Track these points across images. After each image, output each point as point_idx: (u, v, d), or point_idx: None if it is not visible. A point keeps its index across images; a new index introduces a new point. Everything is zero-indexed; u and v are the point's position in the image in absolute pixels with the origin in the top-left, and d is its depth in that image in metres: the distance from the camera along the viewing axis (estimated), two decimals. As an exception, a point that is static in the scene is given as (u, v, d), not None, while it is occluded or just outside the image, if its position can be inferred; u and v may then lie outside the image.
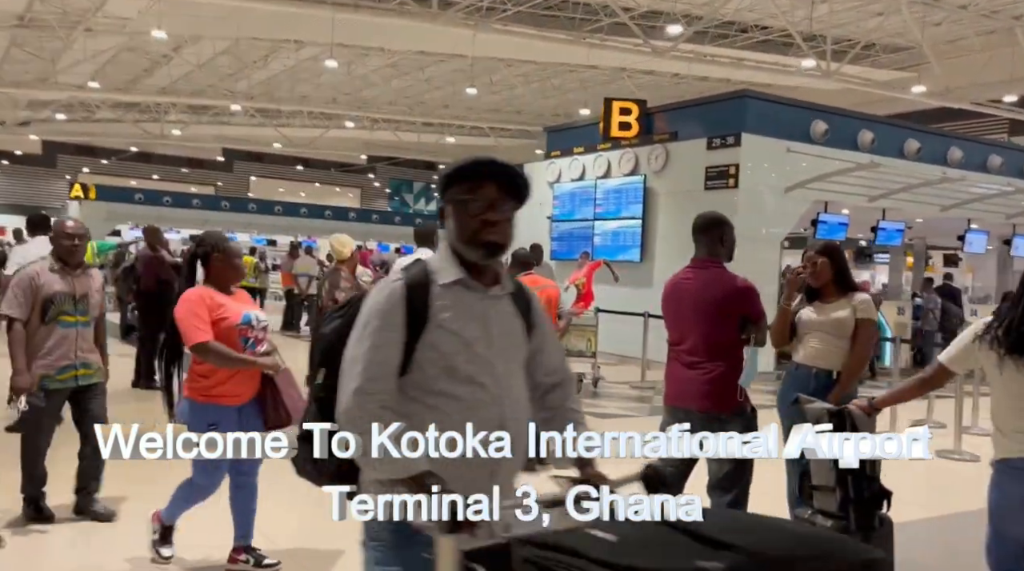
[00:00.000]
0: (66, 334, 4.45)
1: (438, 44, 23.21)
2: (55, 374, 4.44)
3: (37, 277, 4.41)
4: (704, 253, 3.59)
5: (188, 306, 3.84)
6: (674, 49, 20.76)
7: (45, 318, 4.40)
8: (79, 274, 4.56)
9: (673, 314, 3.60)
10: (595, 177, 13.07)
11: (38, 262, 4.57)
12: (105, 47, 24.53)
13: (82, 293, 4.52)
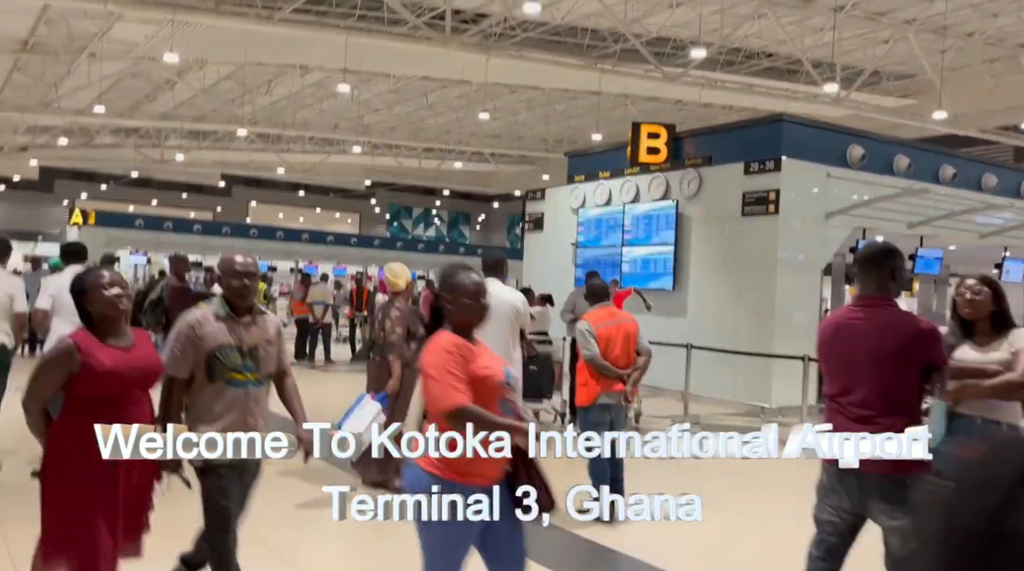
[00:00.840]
0: (235, 397, 3.58)
1: (448, 69, 22.93)
2: None
3: (199, 326, 3.55)
4: (873, 289, 3.09)
5: (441, 359, 2.98)
6: (685, 75, 20.61)
7: (211, 375, 3.55)
8: (248, 322, 3.66)
9: (838, 361, 3.10)
10: (623, 202, 12.64)
11: (201, 307, 3.69)
12: (109, 72, 24.10)
13: (251, 345, 3.61)
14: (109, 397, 3.19)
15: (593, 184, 13.27)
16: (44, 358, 3.24)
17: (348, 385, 11.72)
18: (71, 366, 3.18)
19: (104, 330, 3.32)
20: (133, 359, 3.29)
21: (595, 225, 13.05)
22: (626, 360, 5.42)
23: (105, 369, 3.18)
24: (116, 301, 3.34)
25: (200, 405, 3.53)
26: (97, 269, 3.59)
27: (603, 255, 12.81)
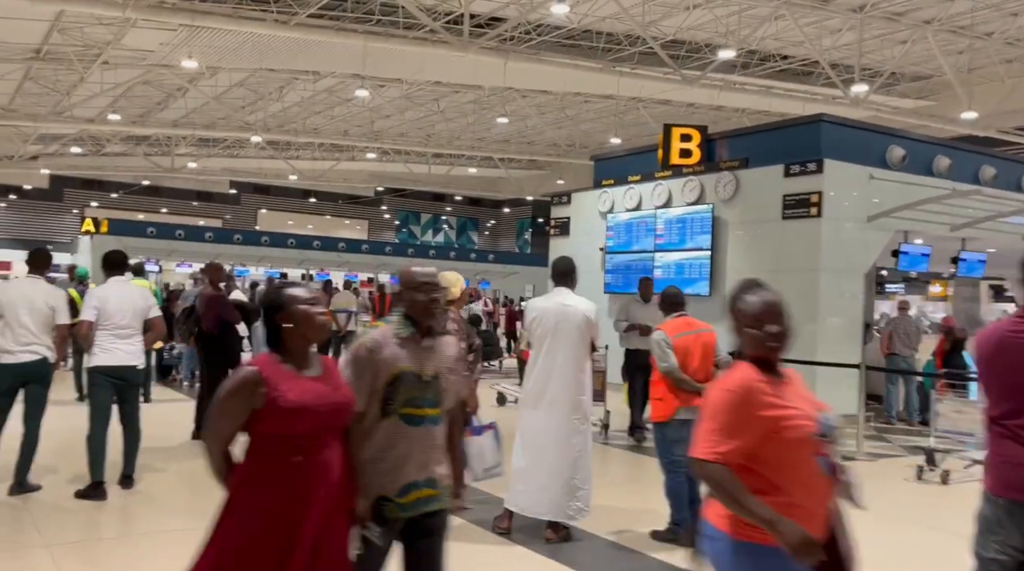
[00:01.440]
0: (414, 436, 2.89)
1: (462, 74, 22.64)
2: (396, 495, 2.86)
3: (378, 348, 2.88)
4: (1043, 301, 2.77)
5: (720, 398, 2.46)
6: (703, 77, 20.34)
7: (386, 409, 2.87)
8: (428, 345, 2.98)
9: (1005, 379, 2.77)
10: (654, 206, 12.31)
11: (380, 326, 3.05)
12: (120, 80, 23.86)
13: (433, 373, 2.94)
14: (299, 436, 2.62)
15: (622, 188, 12.94)
16: (224, 389, 2.66)
17: None
18: (253, 400, 2.59)
19: (297, 357, 2.72)
20: (326, 392, 2.69)
21: (625, 230, 12.72)
22: (704, 373, 5.09)
23: (295, 404, 2.59)
24: (322, 324, 2.76)
25: (374, 446, 2.86)
26: (289, 282, 3.10)
27: (634, 260, 12.48)
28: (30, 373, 5.72)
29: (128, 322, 5.92)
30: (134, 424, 6.08)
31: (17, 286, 5.92)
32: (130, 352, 5.95)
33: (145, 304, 6.10)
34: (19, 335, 5.67)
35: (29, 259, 5.95)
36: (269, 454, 2.62)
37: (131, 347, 5.97)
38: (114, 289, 5.93)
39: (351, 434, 2.82)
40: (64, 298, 5.95)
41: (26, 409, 5.78)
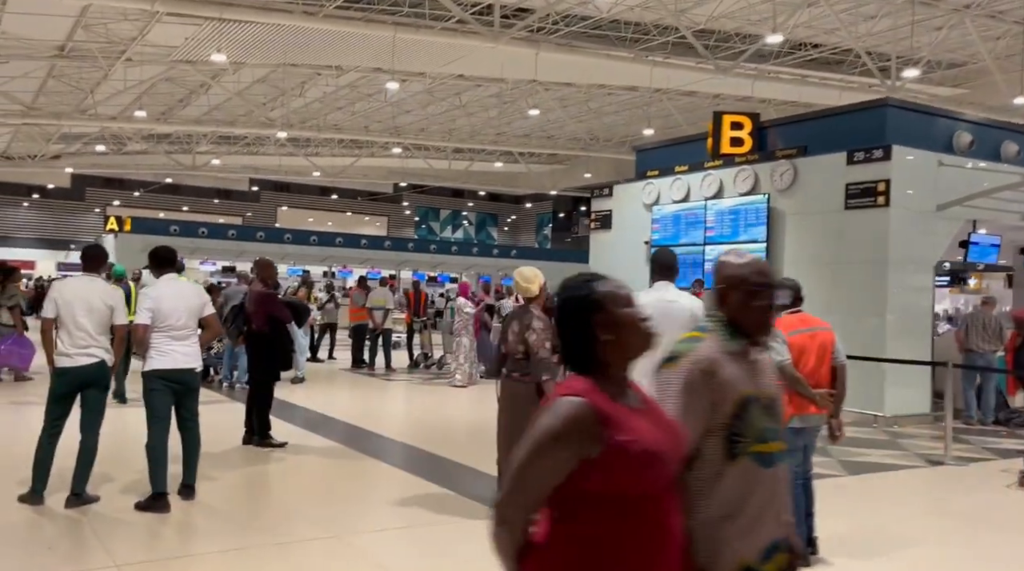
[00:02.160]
0: (766, 480, 2.15)
1: (491, 66, 22.17)
2: (759, 562, 2.10)
3: (717, 368, 2.14)
4: None
5: None
6: (737, 66, 19.86)
7: (735, 449, 2.12)
8: (754, 361, 2.24)
9: None
10: (704, 198, 11.84)
11: (703, 337, 2.24)
12: (144, 77, 23.56)
13: (771, 397, 2.23)
14: (641, 496, 1.83)
15: (668, 179, 12.46)
16: (543, 432, 1.84)
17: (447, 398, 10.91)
18: (587, 446, 1.79)
19: (617, 381, 1.92)
20: (662, 430, 1.91)
21: (672, 222, 12.26)
22: (820, 377, 4.64)
23: (644, 449, 1.81)
24: (650, 335, 1.96)
25: (722, 498, 2.09)
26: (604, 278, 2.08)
27: (682, 254, 11.99)
28: (88, 378, 5.33)
29: (184, 322, 5.52)
30: (194, 431, 5.69)
31: (73, 285, 5.50)
32: (188, 354, 5.56)
33: (200, 302, 5.68)
34: (76, 338, 5.29)
35: (84, 256, 5.56)
36: (591, 522, 1.81)
37: (188, 348, 5.58)
38: (168, 288, 5.52)
39: (687, 485, 2.05)
40: (122, 297, 5.55)
41: (84, 416, 5.40)
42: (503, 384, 5.37)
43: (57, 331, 5.34)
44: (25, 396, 9.80)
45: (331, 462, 7.00)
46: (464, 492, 5.94)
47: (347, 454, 7.25)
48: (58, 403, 5.37)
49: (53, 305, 5.33)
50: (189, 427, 5.71)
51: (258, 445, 7.37)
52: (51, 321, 5.34)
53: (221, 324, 7.37)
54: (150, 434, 5.39)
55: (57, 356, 5.32)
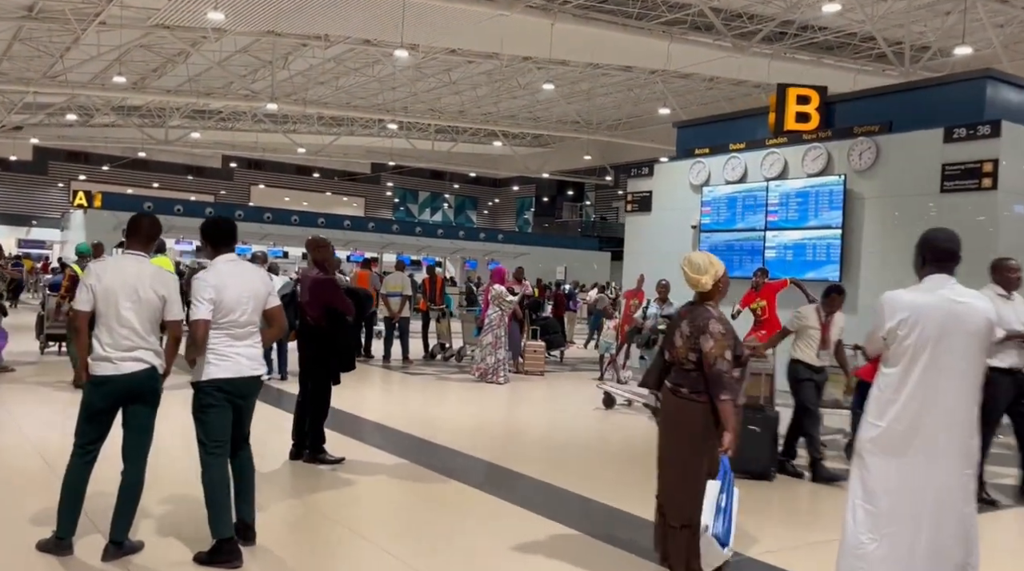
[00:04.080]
0: None
1: (491, 40, 20.79)
2: None
3: None
4: None
5: None
6: (754, 46, 18.92)
7: None
8: None
9: None
10: (765, 178, 10.72)
11: None
12: (118, 43, 21.67)
13: None
14: None
15: (721, 158, 11.32)
16: None
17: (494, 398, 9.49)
18: None
19: None
20: None
21: (726, 205, 11.14)
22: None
23: None
24: None
25: None
26: None
27: (738, 240, 10.92)
28: (134, 389, 4.00)
29: (249, 316, 4.21)
30: (248, 453, 4.40)
31: (117, 267, 4.03)
32: (252, 357, 4.24)
33: (265, 290, 4.34)
34: (119, 336, 3.93)
35: (130, 228, 4.16)
36: None
37: (253, 350, 4.26)
38: (230, 272, 4.19)
39: None
40: (176, 284, 4.19)
41: (127, 439, 4.06)
42: (665, 399, 4.15)
43: (93, 328, 4.00)
44: (11, 394, 8.32)
45: (407, 486, 5.72)
46: (604, 536, 4.73)
47: (420, 474, 5.97)
48: (93, 422, 4.03)
49: (89, 294, 3.97)
50: (245, 450, 4.43)
51: (310, 461, 6.07)
52: (86, 315, 3.98)
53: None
54: (208, 464, 4.09)
55: (93, 361, 3.98)
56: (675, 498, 3.99)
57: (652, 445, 4.23)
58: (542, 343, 12.18)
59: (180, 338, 4.20)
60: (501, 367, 10.77)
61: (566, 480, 5.83)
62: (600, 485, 5.80)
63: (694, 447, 3.92)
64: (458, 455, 6.61)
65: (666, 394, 4.15)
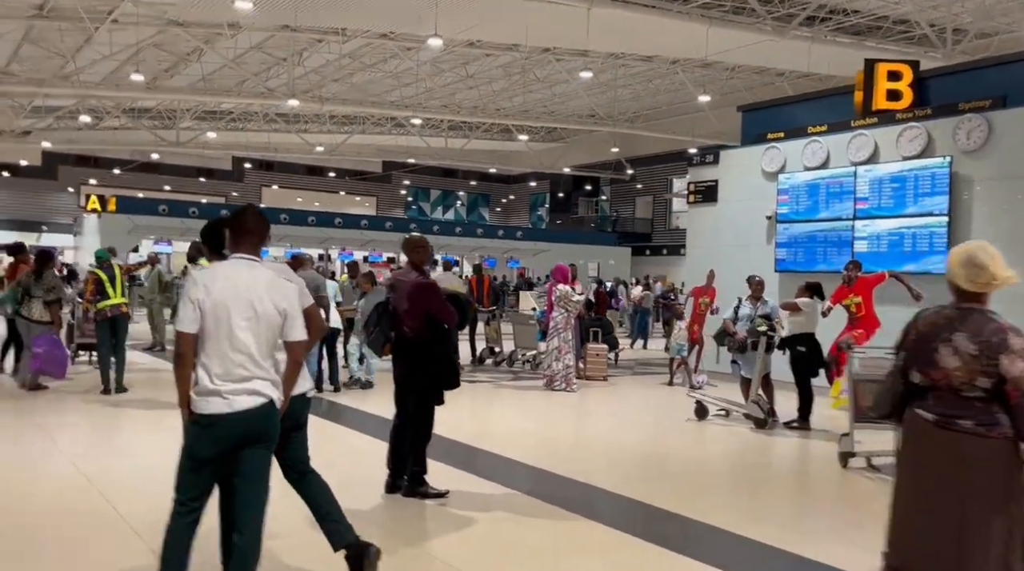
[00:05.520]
0: None
1: (515, 30, 19.86)
2: None
3: None
4: None
5: None
6: (794, 28, 18.05)
7: None
8: None
9: None
10: (852, 162, 9.80)
11: None
12: (130, 42, 20.72)
13: None
14: None
15: (799, 142, 10.39)
16: None
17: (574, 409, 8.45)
18: None
19: None
20: None
21: (807, 193, 10.21)
22: None
23: None
24: None
25: None
26: None
27: (822, 230, 10.00)
28: (250, 430, 3.09)
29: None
30: (316, 476, 3.66)
31: (227, 276, 3.12)
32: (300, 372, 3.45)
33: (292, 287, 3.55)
34: (232, 364, 3.04)
35: (234, 224, 3.23)
36: None
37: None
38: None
39: None
40: (297, 293, 3.26)
41: (239, 492, 3.16)
42: (924, 433, 3.13)
43: (198, 352, 3.09)
44: (48, 413, 7.39)
45: (533, 525, 4.78)
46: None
47: (539, 508, 5.04)
48: (199, 472, 3.12)
49: (195, 311, 3.05)
50: (306, 475, 3.58)
51: (410, 495, 5.16)
52: (192, 338, 3.06)
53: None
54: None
55: (198, 396, 3.07)
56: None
57: (779, 464, 3.29)
58: (604, 346, 11.26)
59: (301, 362, 3.28)
60: (571, 374, 9.87)
61: (711, 514, 4.96)
62: (752, 519, 4.93)
63: (991, 501, 2.94)
64: (570, 483, 5.70)
65: (922, 426, 3.14)
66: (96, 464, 5.74)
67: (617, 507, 5.22)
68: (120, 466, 5.77)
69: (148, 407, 7.89)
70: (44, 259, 8.72)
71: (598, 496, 5.40)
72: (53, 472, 5.59)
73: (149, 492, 5.19)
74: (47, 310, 8.41)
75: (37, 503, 4.83)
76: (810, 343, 7.86)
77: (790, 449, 7.18)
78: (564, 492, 5.43)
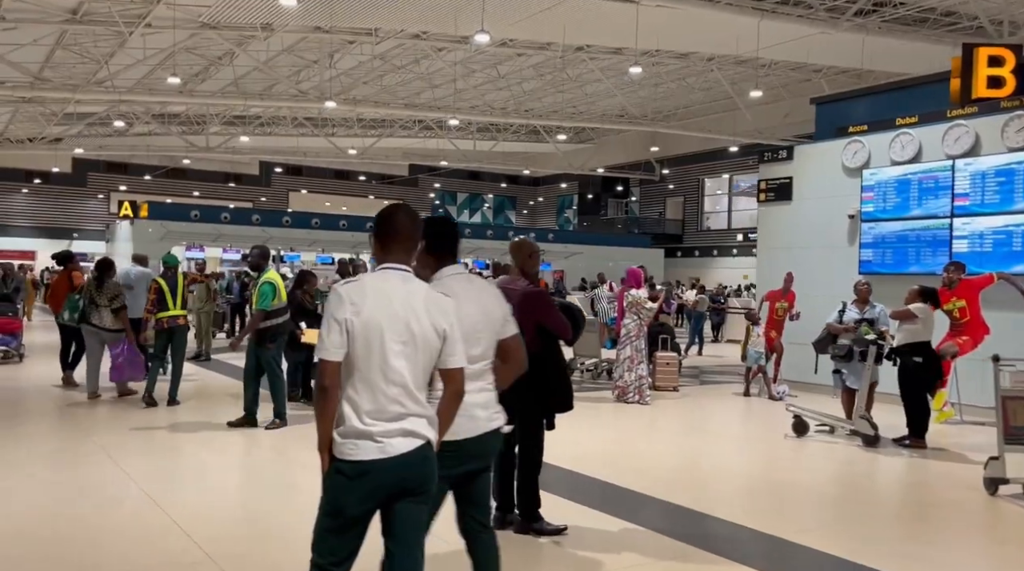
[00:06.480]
0: None
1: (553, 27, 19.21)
2: None
3: None
4: None
5: None
6: (848, 19, 17.34)
7: None
8: None
9: None
10: (948, 156, 9.06)
11: None
12: (163, 46, 20.31)
13: None
14: None
15: (886, 134, 9.65)
16: None
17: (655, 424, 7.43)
18: None
19: None
20: None
21: (896, 189, 9.47)
22: None
23: None
24: None
25: None
26: None
27: (913, 229, 9.26)
28: (405, 479, 2.45)
29: (483, 350, 2.96)
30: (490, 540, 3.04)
31: (380, 289, 2.49)
32: (489, 405, 2.96)
33: (502, 312, 3.12)
34: (386, 398, 2.42)
35: (384, 227, 2.58)
36: None
37: (487, 395, 2.97)
38: (462, 288, 2.91)
39: None
40: (453, 311, 2.64)
41: (393, 556, 2.53)
42: None
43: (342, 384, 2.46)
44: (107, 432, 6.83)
45: (676, 568, 4.13)
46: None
47: (670, 548, 4.34)
48: (344, 533, 2.47)
49: (342, 334, 2.41)
50: (485, 530, 3.02)
51: (522, 531, 4.53)
52: (338, 367, 2.43)
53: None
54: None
55: (343, 439, 2.45)
56: None
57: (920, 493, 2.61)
58: (674, 354, 10.58)
59: (463, 394, 2.65)
60: (644, 385, 9.19)
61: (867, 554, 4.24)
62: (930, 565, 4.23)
63: None
64: (694, 515, 5.02)
65: None
66: (164, 488, 5.14)
67: (750, 543, 4.53)
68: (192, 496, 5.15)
69: (204, 423, 7.42)
70: (105, 267, 8.61)
71: (732, 532, 4.72)
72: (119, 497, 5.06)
73: (219, 518, 4.67)
74: (116, 318, 8.41)
75: (111, 535, 4.22)
76: (926, 352, 7.15)
77: (922, 473, 6.43)
78: (694, 527, 4.77)
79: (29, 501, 5.00)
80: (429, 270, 2.95)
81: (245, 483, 5.79)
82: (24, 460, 6.00)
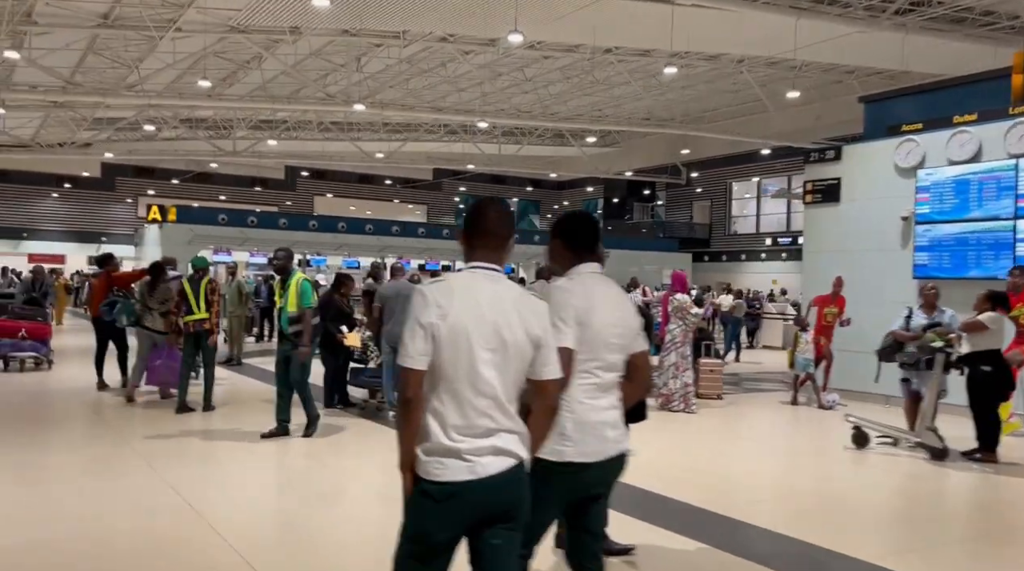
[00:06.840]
0: None
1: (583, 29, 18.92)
2: None
3: None
4: None
5: None
6: (887, 17, 16.88)
7: None
8: None
9: None
10: (1012, 155, 8.65)
11: None
12: (193, 50, 20.27)
13: None
14: None
15: (943, 133, 9.26)
16: None
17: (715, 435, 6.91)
18: None
19: None
20: None
21: (953, 190, 9.08)
22: None
23: None
24: None
25: None
26: None
27: (973, 232, 8.86)
28: (498, 504, 2.18)
29: (619, 359, 2.67)
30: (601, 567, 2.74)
31: (469, 289, 2.22)
32: (617, 425, 2.68)
33: (637, 323, 2.77)
34: (475, 412, 2.16)
35: (473, 223, 2.33)
36: None
37: (616, 414, 2.69)
38: (598, 290, 2.67)
39: None
40: (547, 314, 2.34)
41: None
42: None
43: (429, 396, 2.18)
44: (148, 440, 6.62)
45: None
46: None
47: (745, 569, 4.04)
48: (429, 559, 2.18)
49: (428, 341, 2.13)
50: (598, 558, 2.74)
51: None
52: (422, 376, 2.14)
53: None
54: None
55: (427, 457, 2.17)
56: None
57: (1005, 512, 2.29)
58: (718, 361, 10.22)
59: (557, 409, 2.35)
60: (690, 393, 8.84)
61: None
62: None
63: None
64: (765, 534, 4.70)
65: None
66: (202, 496, 4.93)
67: (822, 566, 4.18)
68: (230, 504, 4.90)
69: (238, 431, 7.21)
70: (158, 271, 8.64)
71: (786, 547, 4.38)
72: (158, 506, 4.86)
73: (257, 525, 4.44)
74: (166, 321, 8.46)
75: (153, 543, 3.97)
76: (995, 360, 6.75)
77: (1000, 490, 6.04)
78: (769, 547, 4.43)
79: (70, 510, 4.82)
80: (565, 265, 2.73)
81: (282, 491, 5.58)
82: (65, 467, 5.85)
